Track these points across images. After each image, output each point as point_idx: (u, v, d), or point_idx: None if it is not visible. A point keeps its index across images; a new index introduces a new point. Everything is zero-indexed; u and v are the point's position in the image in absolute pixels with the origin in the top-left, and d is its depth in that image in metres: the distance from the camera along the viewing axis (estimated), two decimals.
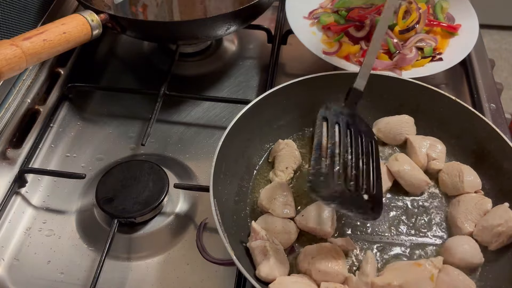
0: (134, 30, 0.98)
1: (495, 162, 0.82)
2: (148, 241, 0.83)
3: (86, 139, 0.97)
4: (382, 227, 0.79)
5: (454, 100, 0.86)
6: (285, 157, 0.85)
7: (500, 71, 2.69)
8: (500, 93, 1.07)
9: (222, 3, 1.15)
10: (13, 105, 0.98)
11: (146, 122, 0.94)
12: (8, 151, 0.93)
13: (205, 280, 0.78)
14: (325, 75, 0.88)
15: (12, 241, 0.82)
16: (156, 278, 0.78)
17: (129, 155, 0.94)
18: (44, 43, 0.78)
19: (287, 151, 0.85)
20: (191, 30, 0.95)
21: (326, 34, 1.08)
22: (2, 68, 0.72)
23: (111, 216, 0.81)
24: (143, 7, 1.13)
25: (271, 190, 0.80)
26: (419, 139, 0.86)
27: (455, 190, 0.81)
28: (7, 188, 0.87)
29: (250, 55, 1.15)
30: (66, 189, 0.89)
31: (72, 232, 0.83)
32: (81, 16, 0.85)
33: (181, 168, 0.92)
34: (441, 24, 1.07)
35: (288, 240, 0.75)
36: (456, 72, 1.08)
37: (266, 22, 1.18)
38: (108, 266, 0.78)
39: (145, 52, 1.16)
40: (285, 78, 0.94)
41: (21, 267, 0.79)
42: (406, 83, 0.89)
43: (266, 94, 0.85)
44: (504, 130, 0.91)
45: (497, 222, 0.73)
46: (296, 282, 0.68)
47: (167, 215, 0.85)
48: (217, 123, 1.00)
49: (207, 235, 0.78)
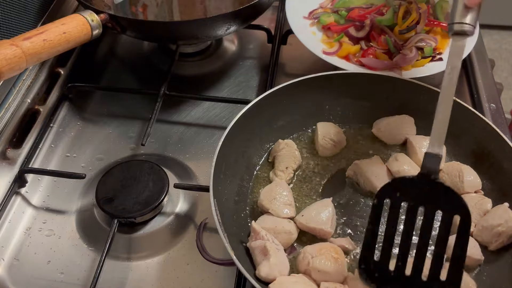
0: (134, 30, 0.98)
1: (495, 162, 0.82)
2: (148, 241, 0.83)
3: (86, 139, 0.97)
4: (382, 227, 0.78)
5: (454, 100, 0.86)
6: (285, 157, 0.85)
7: (500, 71, 2.69)
8: (500, 93, 1.07)
9: (222, 3, 1.15)
10: (13, 105, 0.98)
11: (146, 122, 0.94)
12: (8, 151, 0.93)
13: (205, 280, 0.78)
14: (325, 75, 0.88)
15: (12, 241, 0.82)
16: (156, 278, 0.78)
17: (129, 155, 0.94)
18: (44, 43, 0.78)
19: (287, 151, 0.85)
20: (191, 30, 0.95)
21: (326, 34, 1.08)
22: (2, 68, 0.72)
23: (111, 216, 0.81)
24: (143, 7, 1.13)
25: (271, 190, 0.80)
26: (419, 139, 0.86)
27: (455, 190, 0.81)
28: (7, 188, 0.87)
29: (250, 55, 1.15)
30: (66, 189, 0.89)
31: (72, 232, 0.83)
32: (81, 16, 0.85)
33: (181, 168, 0.92)
34: (441, 24, 1.07)
35: (288, 240, 0.75)
36: None
37: (266, 22, 1.18)
38: (108, 266, 0.78)
39: (145, 52, 1.16)
40: (285, 78, 0.94)
41: (21, 267, 0.79)
42: (406, 83, 0.89)
43: (266, 94, 0.85)
44: (504, 130, 0.91)
45: (497, 222, 0.73)
46: (296, 282, 0.68)
47: (167, 215, 0.85)
48: (217, 123, 1.00)
49: (207, 235, 0.78)
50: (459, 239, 0.63)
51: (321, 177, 0.86)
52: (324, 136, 0.87)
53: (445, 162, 0.85)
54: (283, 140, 0.87)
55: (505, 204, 0.76)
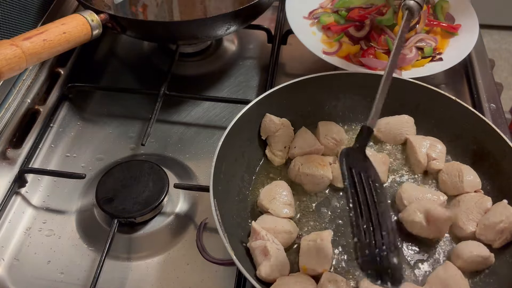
0: (134, 30, 0.98)
1: (495, 162, 0.82)
2: (148, 241, 0.83)
3: (86, 139, 0.97)
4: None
5: (454, 100, 0.86)
6: (282, 137, 0.86)
7: (500, 71, 2.69)
8: (500, 93, 1.07)
9: (222, 3, 1.15)
10: (13, 105, 0.98)
11: (146, 122, 0.94)
12: (8, 151, 0.93)
13: (205, 280, 0.78)
14: (325, 75, 0.88)
15: (12, 241, 0.82)
16: (156, 278, 0.78)
17: (129, 155, 0.94)
18: (44, 43, 0.78)
19: (284, 131, 0.86)
20: (191, 30, 0.95)
21: (326, 34, 1.08)
22: (2, 68, 0.72)
23: (111, 216, 0.81)
24: (143, 7, 1.13)
25: (271, 190, 0.80)
26: (419, 139, 0.86)
27: (455, 190, 0.81)
28: (7, 188, 0.87)
29: (250, 55, 1.15)
30: (66, 189, 0.89)
31: (72, 232, 0.83)
32: (81, 16, 0.85)
33: (181, 168, 0.92)
34: (441, 24, 1.07)
35: (288, 240, 0.75)
36: (456, 72, 1.08)
37: (266, 22, 1.18)
38: (108, 266, 0.78)
39: (145, 52, 1.16)
40: (285, 78, 0.94)
41: (21, 267, 0.79)
42: (406, 83, 0.89)
43: (266, 94, 0.85)
44: (504, 130, 0.91)
45: (498, 219, 0.74)
46: (297, 282, 0.68)
47: (167, 215, 0.85)
48: (217, 123, 1.00)
49: (207, 235, 0.78)
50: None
51: None
52: (326, 134, 0.87)
53: (445, 162, 0.85)
54: (275, 118, 0.87)
55: (504, 201, 0.76)
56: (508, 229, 0.73)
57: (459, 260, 0.72)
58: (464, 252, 0.72)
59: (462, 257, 0.72)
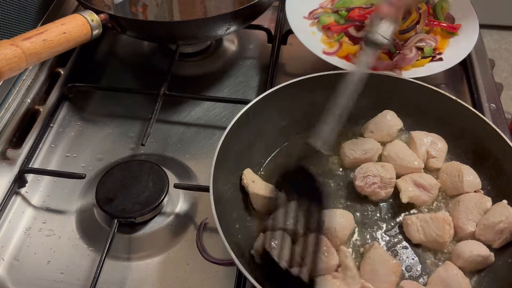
0: (134, 30, 0.98)
1: (495, 162, 0.82)
2: (148, 241, 0.83)
3: (86, 139, 0.97)
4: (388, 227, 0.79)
5: (454, 100, 0.86)
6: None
7: (500, 71, 2.69)
8: (500, 93, 1.07)
9: (222, 3, 1.15)
10: (13, 105, 0.98)
11: (146, 122, 0.94)
12: (8, 151, 0.93)
13: (205, 280, 0.78)
14: (325, 75, 0.88)
15: (12, 241, 0.82)
16: (156, 278, 0.78)
17: (129, 155, 0.94)
18: (44, 43, 0.78)
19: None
20: (191, 30, 0.95)
21: (326, 34, 1.08)
22: (2, 68, 0.72)
23: (111, 216, 0.81)
24: (143, 7, 1.13)
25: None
26: (421, 135, 0.86)
27: (455, 190, 0.81)
28: (7, 188, 0.87)
29: (250, 55, 1.15)
30: (66, 189, 0.89)
31: (72, 232, 0.83)
32: (81, 16, 0.85)
33: (181, 168, 0.92)
34: (441, 24, 1.07)
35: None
36: (456, 72, 1.08)
37: (266, 22, 1.17)
38: (108, 266, 0.78)
39: (145, 52, 1.16)
40: (285, 78, 0.94)
41: (21, 267, 0.79)
42: (406, 83, 0.89)
43: (266, 94, 0.85)
44: (504, 130, 0.91)
45: (498, 219, 0.74)
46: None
47: (167, 215, 0.85)
48: (217, 123, 1.00)
49: (207, 235, 0.78)
50: None
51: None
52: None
53: (445, 162, 0.85)
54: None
55: (503, 201, 0.76)
56: (507, 229, 0.73)
57: (459, 259, 0.72)
58: (465, 251, 0.72)
59: (463, 256, 0.72)
